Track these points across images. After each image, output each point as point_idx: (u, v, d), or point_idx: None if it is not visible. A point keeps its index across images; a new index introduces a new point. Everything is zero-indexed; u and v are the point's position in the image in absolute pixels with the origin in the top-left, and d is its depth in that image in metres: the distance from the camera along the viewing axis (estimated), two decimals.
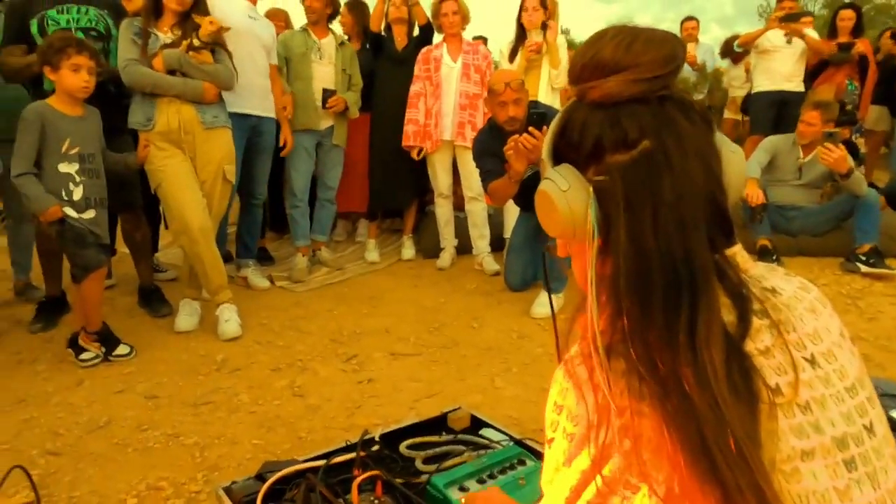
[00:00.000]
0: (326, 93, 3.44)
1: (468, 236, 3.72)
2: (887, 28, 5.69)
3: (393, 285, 3.42)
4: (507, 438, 1.51)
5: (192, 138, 2.64)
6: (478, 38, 5.35)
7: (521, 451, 1.40)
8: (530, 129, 2.53)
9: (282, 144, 3.35)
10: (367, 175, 3.90)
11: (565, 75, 3.67)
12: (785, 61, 4.53)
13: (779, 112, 4.55)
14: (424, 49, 3.68)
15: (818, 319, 0.61)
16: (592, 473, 0.58)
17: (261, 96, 3.16)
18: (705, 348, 0.54)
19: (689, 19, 5.99)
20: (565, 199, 0.61)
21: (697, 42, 5.94)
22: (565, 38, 4.01)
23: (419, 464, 1.42)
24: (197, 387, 2.18)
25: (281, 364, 2.37)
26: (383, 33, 3.92)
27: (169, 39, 2.60)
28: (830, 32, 4.99)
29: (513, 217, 3.40)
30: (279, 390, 2.15)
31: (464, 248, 3.82)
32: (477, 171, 3.06)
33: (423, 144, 3.60)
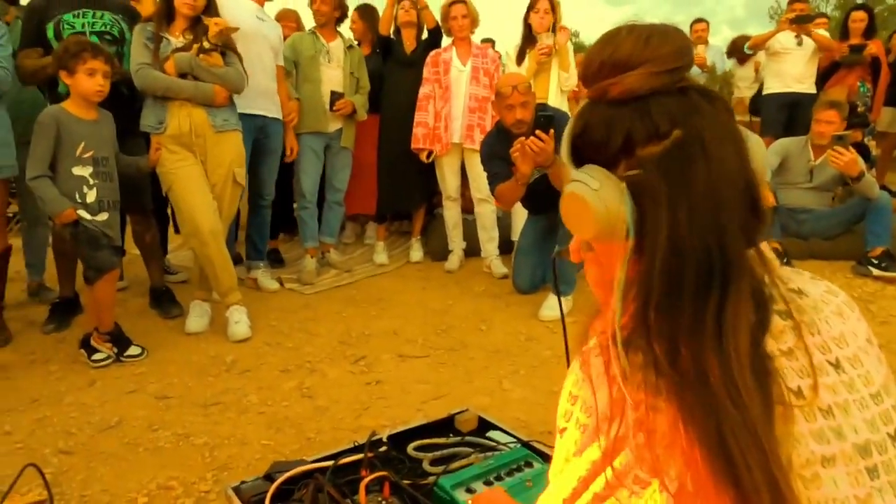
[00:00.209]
0: (334, 95, 3.46)
1: (476, 239, 3.73)
2: None
3: (401, 287, 3.43)
4: (515, 440, 1.51)
5: (203, 141, 2.67)
6: (486, 41, 5.35)
7: (529, 454, 1.40)
8: (537, 132, 2.53)
9: (288, 152, 3.38)
10: (376, 177, 3.92)
11: (575, 77, 3.70)
12: (796, 63, 4.50)
13: (790, 114, 4.52)
14: (433, 52, 3.70)
15: (845, 323, 0.60)
16: (603, 465, 0.57)
17: (269, 97, 3.19)
18: (732, 336, 0.53)
19: (699, 21, 5.96)
20: (599, 198, 0.59)
21: (707, 44, 5.90)
22: (574, 41, 4.00)
23: (426, 465, 1.42)
24: (207, 387, 2.20)
25: (290, 365, 2.38)
26: (392, 37, 3.94)
27: (180, 43, 2.63)
28: (842, 34, 4.96)
29: (521, 219, 3.40)
30: (288, 391, 2.17)
31: (472, 251, 3.83)
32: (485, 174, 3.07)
33: (433, 147, 3.62)
